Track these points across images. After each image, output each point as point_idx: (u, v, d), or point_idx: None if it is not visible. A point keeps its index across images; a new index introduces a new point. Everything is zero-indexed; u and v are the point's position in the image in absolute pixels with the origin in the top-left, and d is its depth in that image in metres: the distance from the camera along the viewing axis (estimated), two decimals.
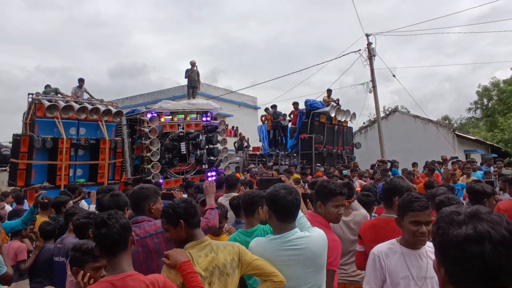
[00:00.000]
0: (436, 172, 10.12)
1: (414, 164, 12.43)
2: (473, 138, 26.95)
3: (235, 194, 5.24)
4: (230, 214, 4.70)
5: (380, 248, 2.74)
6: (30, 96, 10.12)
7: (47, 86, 12.22)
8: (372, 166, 13.16)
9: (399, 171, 11.92)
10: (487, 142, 29.43)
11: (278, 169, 13.72)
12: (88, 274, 2.55)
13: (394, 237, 2.97)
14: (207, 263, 2.46)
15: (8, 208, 7.55)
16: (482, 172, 10.14)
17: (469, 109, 44.53)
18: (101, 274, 2.57)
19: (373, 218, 4.04)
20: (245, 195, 3.54)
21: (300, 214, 2.81)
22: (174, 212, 2.52)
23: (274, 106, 17.12)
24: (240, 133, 18.66)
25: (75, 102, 10.63)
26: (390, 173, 11.97)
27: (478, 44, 75.62)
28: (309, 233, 2.59)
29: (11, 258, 4.71)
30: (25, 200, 8.49)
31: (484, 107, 42.31)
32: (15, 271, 4.72)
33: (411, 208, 2.64)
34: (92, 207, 5.44)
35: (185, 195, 4.35)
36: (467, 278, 1.06)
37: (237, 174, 10.50)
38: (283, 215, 2.60)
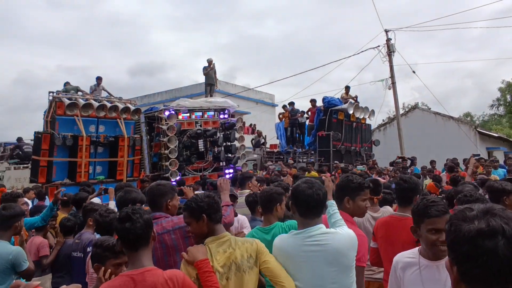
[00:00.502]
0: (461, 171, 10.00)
1: (432, 162, 12.25)
2: (496, 135, 26.41)
3: (248, 191, 5.24)
4: (242, 211, 4.70)
5: (398, 257, 2.53)
6: (51, 94, 10.29)
7: (67, 84, 12.41)
8: (392, 164, 13.03)
9: (419, 169, 11.77)
10: (510, 139, 28.76)
11: (296, 166, 13.68)
12: (109, 270, 2.58)
13: (405, 237, 2.91)
14: (225, 259, 2.48)
15: (30, 203, 7.70)
16: (504, 170, 9.95)
17: (492, 105, 43.67)
18: (121, 271, 2.60)
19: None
20: (264, 192, 3.53)
21: (334, 210, 2.76)
22: (197, 206, 2.54)
23: (291, 103, 17.05)
24: (258, 130, 18.63)
25: (94, 100, 10.76)
26: (409, 170, 11.84)
27: (501, 39, 73.94)
28: (334, 230, 2.51)
29: (33, 253, 4.80)
30: (47, 197, 8.64)
31: (507, 104, 41.40)
32: (37, 266, 4.82)
33: (428, 215, 2.38)
34: (112, 204, 5.50)
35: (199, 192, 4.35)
36: (479, 275, 1.04)
37: (249, 171, 10.51)
38: (303, 209, 2.54)
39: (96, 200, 6.29)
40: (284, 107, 17.63)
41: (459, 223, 1.11)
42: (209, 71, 15.83)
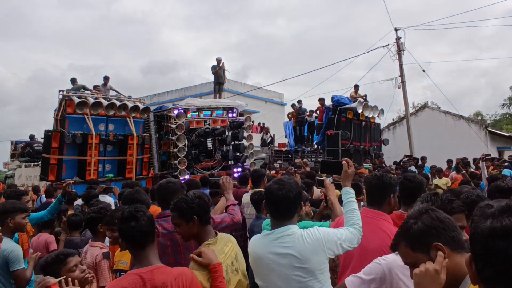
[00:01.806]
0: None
1: (449, 161, 12.07)
2: (507, 134, 26.08)
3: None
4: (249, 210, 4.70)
5: (391, 262, 2.12)
6: (61, 93, 10.37)
7: (73, 80, 12.45)
8: (398, 163, 12.93)
9: (429, 167, 11.68)
10: None
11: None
12: (65, 276, 2.44)
13: None
14: (230, 253, 2.53)
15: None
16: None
17: (503, 105, 43.08)
18: (81, 269, 2.57)
19: None
20: None
21: (349, 199, 2.59)
22: (188, 207, 2.49)
23: (299, 102, 17.00)
24: (266, 127, 18.57)
25: (104, 98, 10.83)
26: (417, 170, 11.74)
27: None
28: (300, 232, 2.32)
29: (41, 249, 4.84)
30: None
31: None
32: None
33: (452, 211, 2.23)
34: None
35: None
36: (492, 274, 1.02)
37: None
38: (270, 210, 2.45)
39: (109, 199, 6.33)
40: (293, 105, 17.59)
41: (478, 220, 1.09)
42: (218, 70, 15.84)
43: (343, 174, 2.72)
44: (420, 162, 12.99)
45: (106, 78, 13.17)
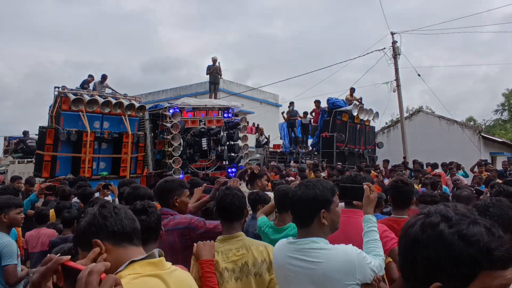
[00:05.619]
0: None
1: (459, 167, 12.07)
2: (500, 140, 26.27)
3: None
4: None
5: None
6: (56, 89, 10.31)
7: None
8: (395, 166, 12.97)
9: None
10: None
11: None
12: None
13: None
14: (236, 259, 2.48)
15: None
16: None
17: (496, 110, 43.42)
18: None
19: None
20: (279, 191, 3.53)
21: (370, 228, 2.34)
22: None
23: (291, 103, 17.03)
24: (261, 128, 18.57)
25: (100, 96, 10.78)
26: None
27: None
28: (328, 248, 2.07)
29: (41, 243, 4.81)
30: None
31: None
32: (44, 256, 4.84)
33: None
34: (116, 201, 5.50)
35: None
36: None
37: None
38: (293, 215, 2.29)
39: (108, 197, 6.28)
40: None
41: None
42: (213, 70, 15.85)
43: (364, 200, 2.43)
44: (413, 166, 13.09)
45: (103, 77, 13.21)
